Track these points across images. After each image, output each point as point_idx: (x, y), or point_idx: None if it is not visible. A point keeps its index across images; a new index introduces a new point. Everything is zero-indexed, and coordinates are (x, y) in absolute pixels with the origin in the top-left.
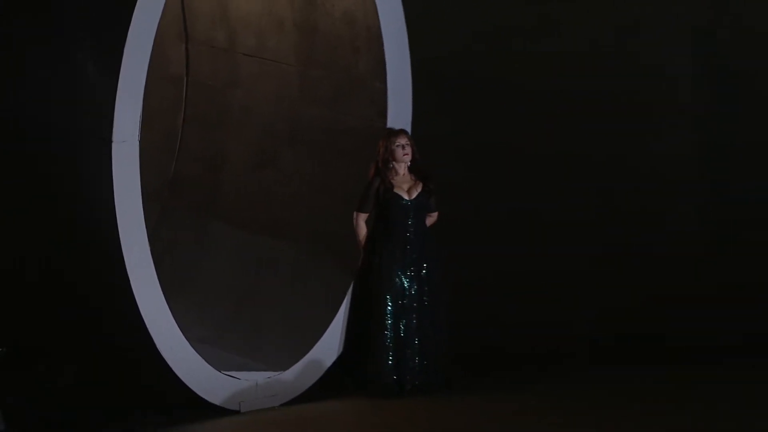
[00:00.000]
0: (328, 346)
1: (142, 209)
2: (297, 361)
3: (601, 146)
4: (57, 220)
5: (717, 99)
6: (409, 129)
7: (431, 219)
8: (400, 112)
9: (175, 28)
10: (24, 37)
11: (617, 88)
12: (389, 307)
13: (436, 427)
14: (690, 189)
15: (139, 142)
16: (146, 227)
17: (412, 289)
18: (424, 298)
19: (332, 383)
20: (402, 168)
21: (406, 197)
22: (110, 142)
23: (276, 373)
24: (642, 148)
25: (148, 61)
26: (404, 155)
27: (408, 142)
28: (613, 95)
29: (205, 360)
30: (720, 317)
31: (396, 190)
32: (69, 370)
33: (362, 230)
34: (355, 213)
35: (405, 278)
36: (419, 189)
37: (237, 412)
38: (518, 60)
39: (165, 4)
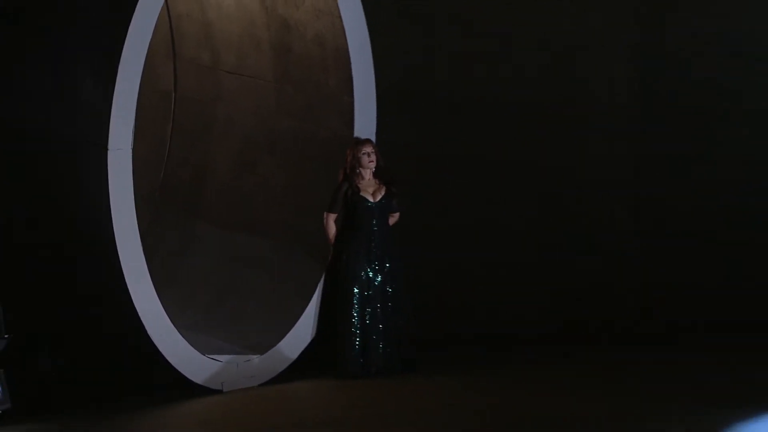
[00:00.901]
0: (302, 332)
1: (134, 210)
2: (273, 345)
3: (547, 154)
4: (58, 219)
5: (649, 111)
6: (373, 138)
7: (393, 219)
8: (365, 124)
9: (165, 48)
10: (31, 56)
11: (561, 102)
12: (356, 298)
13: (398, 404)
14: (624, 192)
15: (132, 150)
16: (138, 226)
17: (376, 281)
18: (388, 289)
19: (305, 365)
20: (367, 173)
21: (371, 199)
22: (106, 150)
23: (254, 356)
24: (583, 155)
25: (140, 77)
26: (369, 162)
27: (373, 150)
28: (557, 108)
29: (191, 345)
30: (649, 306)
31: (362, 193)
32: (55, 356)
33: (332, 229)
34: (325, 213)
35: (370, 271)
36: (383, 192)
37: (219, 392)
38: (474, 77)
39: (155, 26)
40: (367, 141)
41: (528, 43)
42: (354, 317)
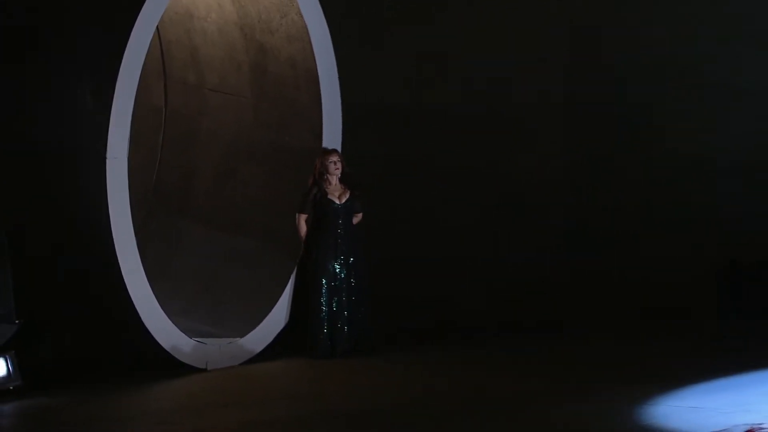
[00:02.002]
0: (277, 318)
1: (129, 210)
2: (252, 329)
3: (490, 160)
4: (62, 218)
5: (583, 124)
6: (339, 148)
7: (357, 218)
8: (332, 135)
9: (156, 69)
10: (39, 78)
11: (502, 114)
12: (324, 288)
13: (359, 381)
14: (559, 195)
15: (128, 158)
16: (133, 224)
17: (342, 274)
18: (352, 280)
19: (280, 347)
20: (334, 179)
21: (337, 202)
22: (105, 158)
23: (235, 339)
24: (521, 162)
25: (134, 94)
26: (336, 169)
27: (339, 159)
28: (499, 120)
29: (179, 329)
30: (579, 299)
31: (329, 196)
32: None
33: (303, 228)
34: (297, 214)
35: (337, 265)
36: (348, 195)
37: (204, 370)
38: (426, 94)
39: (148, 51)
40: (334, 151)
41: (473, 64)
42: (322, 305)
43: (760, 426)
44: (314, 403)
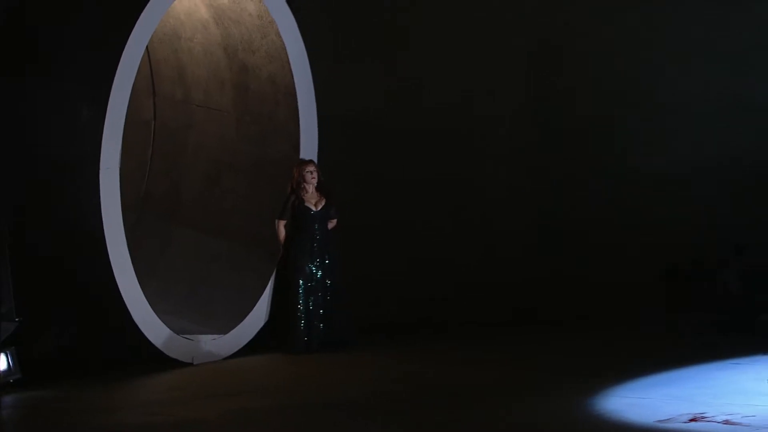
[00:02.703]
0: (257, 316)
1: (121, 216)
2: (234, 327)
3: (456, 172)
4: (60, 223)
5: (532, 141)
6: (315, 159)
7: (332, 224)
8: (309, 147)
9: (146, 86)
10: (40, 94)
11: (468, 129)
12: (301, 288)
13: (333, 373)
14: (513, 204)
15: (120, 167)
16: (125, 229)
17: (318, 275)
18: (327, 281)
19: (260, 343)
20: (310, 188)
21: (313, 209)
22: (98, 168)
23: (219, 335)
24: (485, 171)
25: (126, 109)
26: (312, 179)
27: (315, 169)
28: (465, 134)
29: (168, 326)
30: (537, 301)
31: (306, 204)
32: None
33: (282, 232)
34: (276, 220)
35: (313, 267)
36: (323, 203)
37: (190, 364)
38: (397, 109)
39: (138, 69)
40: (310, 161)
41: (440, 81)
42: (300, 304)
43: (702, 415)
44: (291, 394)
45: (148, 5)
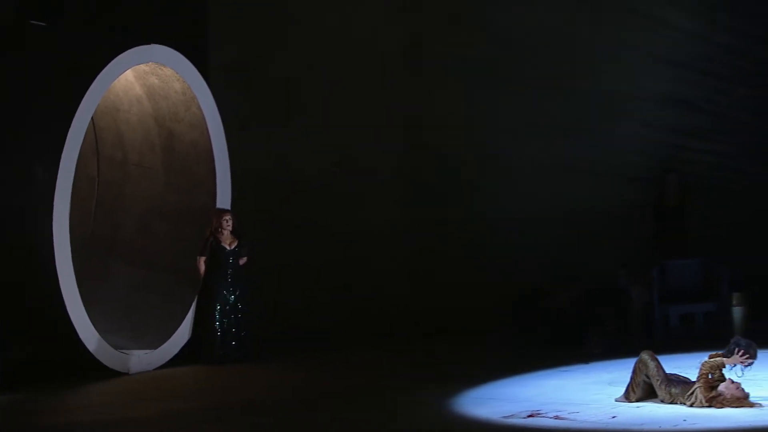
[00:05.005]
0: (182, 334)
1: (70, 254)
2: (163, 343)
3: (343, 216)
4: (17, 262)
5: (406, 191)
6: (230, 207)
7: (243, 260)
8: (223, 198)
9: (91, 148)
10: (2, 156)
11: (352, 181)
12: (218, 311)
13: (242, 380)
14: (391, 245)
15: (69, 215)
16: (73, 263)
17: (231, 300)
18: (239, 305)
19: (184, 356)
20: (226, 231)
21: (228, 248)
22: (51, 215)
23: (150, 350)
24: (364, 216)
25: (74, 167)
26: (227, 225)
27: (230, 217)
28: (349, 186)
29: (108, 343)
30: (416, 318)
31: (222, 244)
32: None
33: (202, 267)
34: (198, 257)
35: (227, 294)
36: (236, 243)
37: (127, 374)
38: (293, 167)
39: (85, 134)
40: (228, 211)
41: (330, 140)
42: (216, 324)
43: (538, 412)
44: (210, 397)
45: (93, 84)
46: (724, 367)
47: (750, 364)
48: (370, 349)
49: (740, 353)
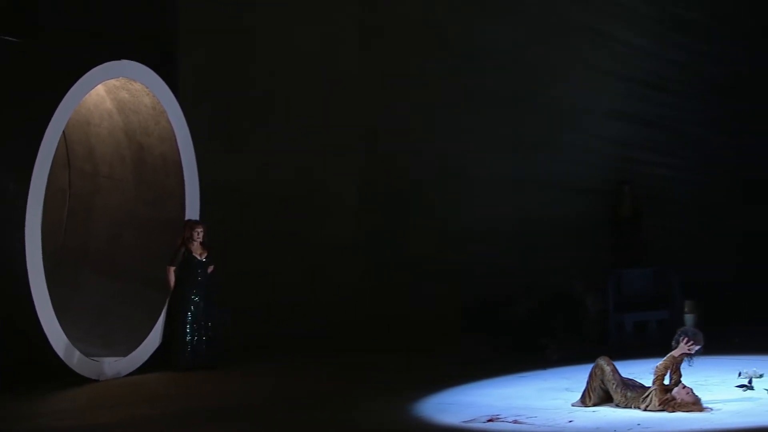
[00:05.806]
0: (152, 341)
1: (42, 264)
2: (133, 350)
3: (309, 230)
4: None
5: (364, 201)
6: (197, 218)
7: (211, 269)
8: (193, 209)
9: (62, 161)
10: None
11: (317, 194)
12: (188, 318)
13: (211, 383)
14: (347, 254)
15: (41, 226)
16: (44, 273)
17: (201, 306)
18: (208, 312)
19: (154, 362)
20: (197, 242)
21: (198, 257)
22: (24, 226)
23: (120, 358)
24: (326, 227)
25: (46, 180)
26: (198, 236)
27: (202, 229)
28: (314, 198)
29: (79, 350)
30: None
31: (193, 254)
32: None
33: (172, 276)
34: (167, 266)
35: (197, 298)
36: (206, 253)
37: (97, 381)
38: (258, 181)
39: (56, 148)
40: (198, 222)
41: (293, 157)
42: (187, 330)
43: (497, 416)
44: (180, 401)
45: (64, 98)
46: (678, 362)
47: (697, 351)
48: (335, 357)
49: (685, 341)
